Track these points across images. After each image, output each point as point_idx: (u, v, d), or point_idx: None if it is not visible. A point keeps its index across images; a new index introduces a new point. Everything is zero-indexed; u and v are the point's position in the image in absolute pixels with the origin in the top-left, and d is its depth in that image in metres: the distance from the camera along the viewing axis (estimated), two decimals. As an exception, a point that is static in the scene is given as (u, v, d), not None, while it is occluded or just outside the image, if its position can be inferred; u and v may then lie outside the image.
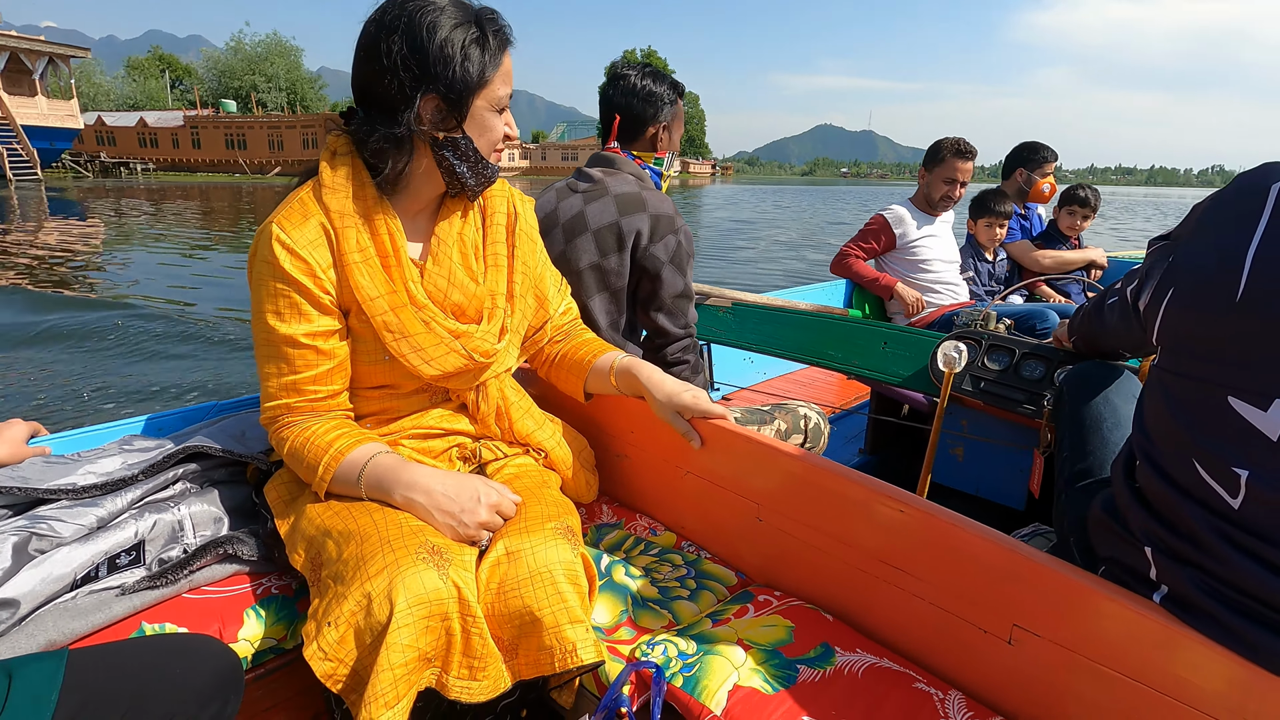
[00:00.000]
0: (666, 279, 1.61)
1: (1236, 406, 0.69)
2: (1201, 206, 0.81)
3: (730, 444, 1.15)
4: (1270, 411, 0.66)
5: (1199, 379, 0.73)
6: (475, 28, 0.98)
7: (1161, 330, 0.80)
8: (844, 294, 3.36)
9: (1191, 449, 0.74)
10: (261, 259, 1.00)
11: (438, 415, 1.17)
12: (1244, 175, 0.77)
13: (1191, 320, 0.75)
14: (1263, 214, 0.69)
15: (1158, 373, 0.81)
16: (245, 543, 1.08)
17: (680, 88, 1.71)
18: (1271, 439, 0.66)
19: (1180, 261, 0.79)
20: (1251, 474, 0.68)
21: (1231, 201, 0.75)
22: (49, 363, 4.06)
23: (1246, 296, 0.68)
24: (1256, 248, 0.68)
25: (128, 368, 4.06)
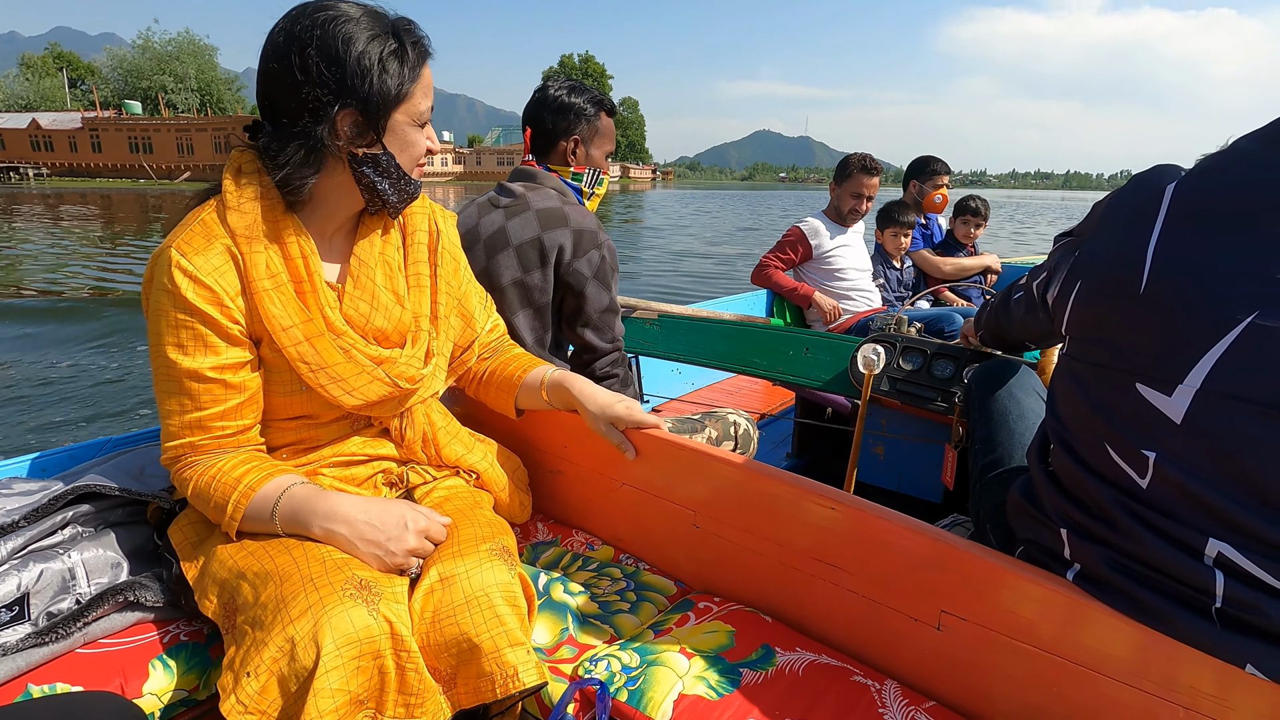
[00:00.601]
0: (591, 294, 1.60)
1: (1143, 392, 0.74)
2: (1103, 204, 0.88)
3: (664, 453, 1.16)
4: (1174, 396, 0.72)
5: (1107, 367, 0.79)
6: (393, 39, 0.94)
7: (1070, 321, 0.86)
8: (765, 303, 3.46)
9: (1103, 432, 0.79)
10: (160, 287, 0.92)
11: (360, 442, 1.12)
12: (1140, 175, 0.84)
13: (1099, 312, 0.81)
14: (1159, 213, 0.76)
15: (1068, 361, 0.87)
16: (148, 588, 0.99)
17: (605, 102, 1.71)
18: (1176, 422, 0.72)
19: (1085, 256, 0.85)
20: (1159, 455, 0.73)
21: (1130, 200, 0.82)
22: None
23: (1149, 289, 0.74)
24: (1155, 244, 0.75)
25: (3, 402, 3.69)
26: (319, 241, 1.02)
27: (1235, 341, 0.68)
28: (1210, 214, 0.72)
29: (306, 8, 0.92)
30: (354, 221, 1.08)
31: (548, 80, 1.71)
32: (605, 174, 1.79)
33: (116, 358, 4.47)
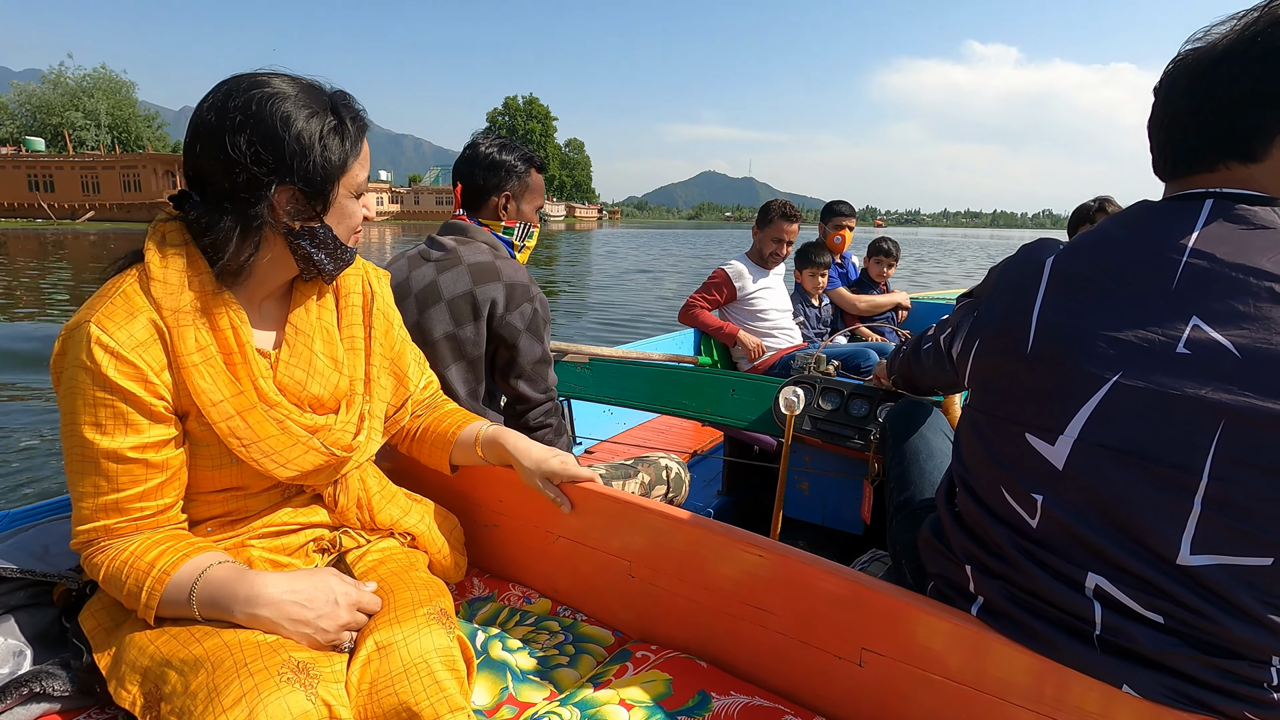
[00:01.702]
0: (524, 346, 1.63)
1: (1032, 441, 0.84)
2: (997, 270, 0.98)
3: (598, 505, 1.19)
4: (1056, 445, 0.81)
5: (1001, 417, 0.89)
6: (332, 115, 0.95)
7: (971, 375, 0.96)
8: (693, 341, 3.56)
9: (999, 477, 0.88)
10: (77, 364, 0.87)
11: (291, 511, 1.09)
12: (1026, 247, 0.95)
13: (993, 367, 0.91)
14: (1040, 283, 0.87)
15: (969, 412, 0.96)
16: (56, 676, 0.94)
17: (535, 159, 1.76)
18: (1058, 468, 0.81)
19: (983, 317, 0.95)
20: (1045, 498, 0.83)
21: (1017, 270, 0.92)
22: None
23: (1034, 349, 0.84)
24: (1039, 310, 0.85)
25: None
26: (249, 309, 1.00)
27: (1104, 397, 0.78)
28: (1080, 285, 0.83)
29: (239, 84, 0.91)
30: (286, 287, 1.06)
31: (478, 138, 1.75)
32: (535, 228, 1.83)
33: (18, 421, 4.12)
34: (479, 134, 1.77)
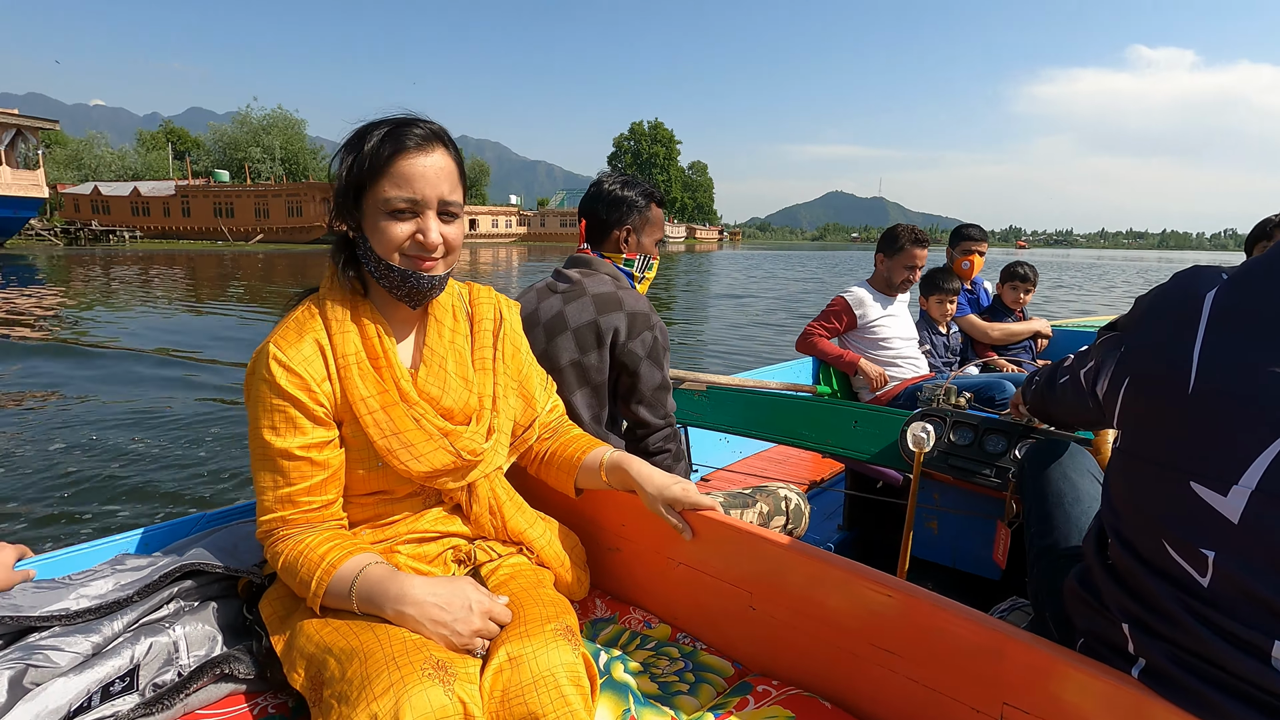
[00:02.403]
0: (644, 373, 1.68)
1: (1199, 491, 0.76)
2: (1145, 301, 0.91)
3: (719, 534, 1.20)
4: (1230, 496, 0.73)
5: (1160, 463, 0.81)
6: (382, 130, 1.07)
7: (1122, 416, 0.89)
8: (811, 370, 3.49)
9: (1160, 530, 0.80)
10: (259, 377, 1.05)
11: (432, 518, 1.20)
12: (1179, 276, 0.87)
13: (1149, 409, 0.83)
14: (1200, 319, 0.79)
15: (1122, 455, 0.89)
16: (241, 661, 1.07)
17: (655, 194, 1.83)
18: (1233, 521, 0.73)
19: (1132, 353, 0.88)
20: (1218, 555, 0.74)
21: (1171, 303, 0.85)
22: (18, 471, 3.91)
23: (1197, 391, 0.76)
24: (1200, 348, 0.78)
25: (103, 472, 3.94)
26: (395, 326, 1.16)
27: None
28: (1249, 320, 0.76)
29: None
30: (423, 313, 1.20)
31: (602, 175, 1.84)
32: (654, 259, 1.90)
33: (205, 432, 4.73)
34: (603, 172, 1.87)
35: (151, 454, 4.31)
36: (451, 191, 1.09)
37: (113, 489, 3.68)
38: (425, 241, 1.07)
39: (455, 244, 1.12)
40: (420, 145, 1.06)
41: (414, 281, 1.10)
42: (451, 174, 1.09)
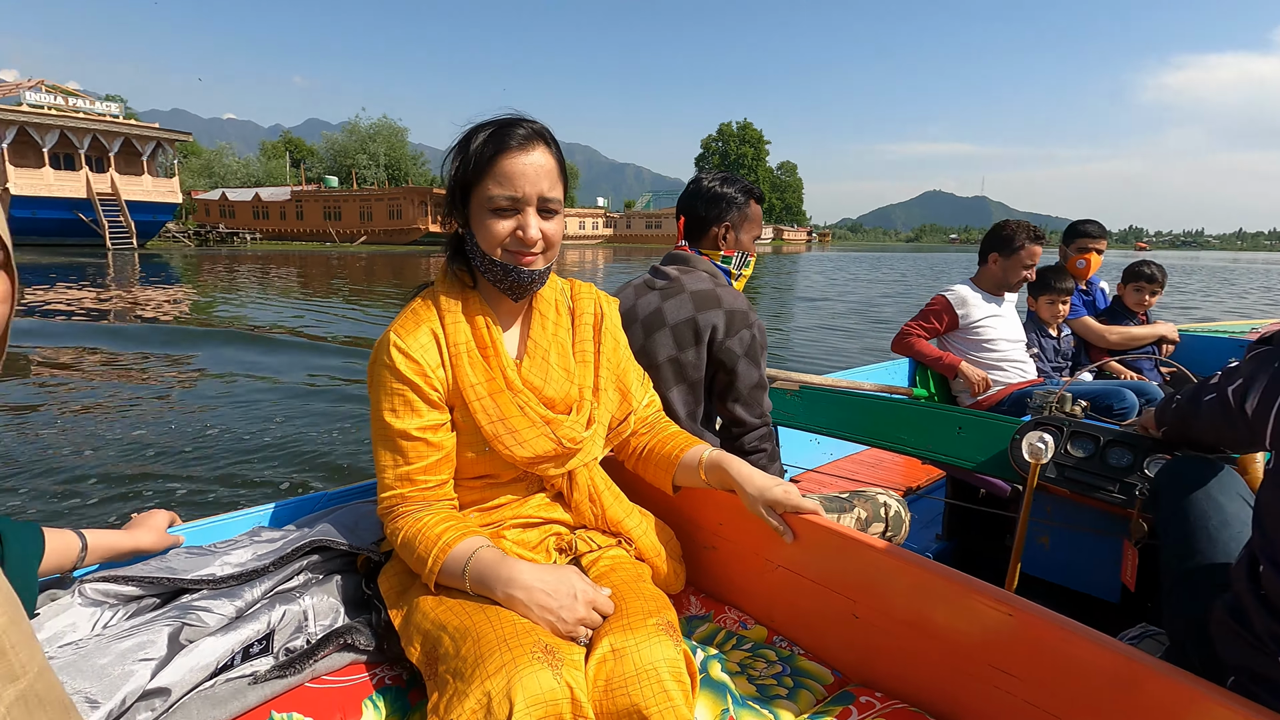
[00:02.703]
0: (742, 371, 1.67)
1: None
2: None
3: (821, 538, 1.17)
4: None
5: None
6: (485, 133, 1.11)
7: (1274, 435, 0.81)
8: (907, 372, 3.36)
9: None
10: (381, 363, 1.13)
11: (535, 504, 1.24)
12: None
13: None
14: None
15: (1276, 477, 0.81)
16: (361, 633, 1.14)
17: (754, 191, 1.82)
18: None
19: None
20: None
21: None
22: (156, 443, 4.34)
23: None
24: None
25: (239, 446, 4.31)
26: (503, 318, 1.22)
27: None
28: None
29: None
30: (527, 305, 1.25)
31: (701, 173, 1.84)
32: (752, 256, 1.87)
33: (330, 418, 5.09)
34: (702, 170, 1.87)
35: (281, 432, 4.68)
36: (551, 189, 1.12)
37: (248, 464, 4.02)
38: (525, 237, 1.11)
39: (555, 239, 1.16)
40: (522, 144, 1.10)
41: (515, 275, 1.14)
42: (551, 172, 1.13)
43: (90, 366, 6.75)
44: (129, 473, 3.80)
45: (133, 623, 1.03)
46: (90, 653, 0.94)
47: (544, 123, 1.15)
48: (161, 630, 0.98)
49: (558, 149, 1.16)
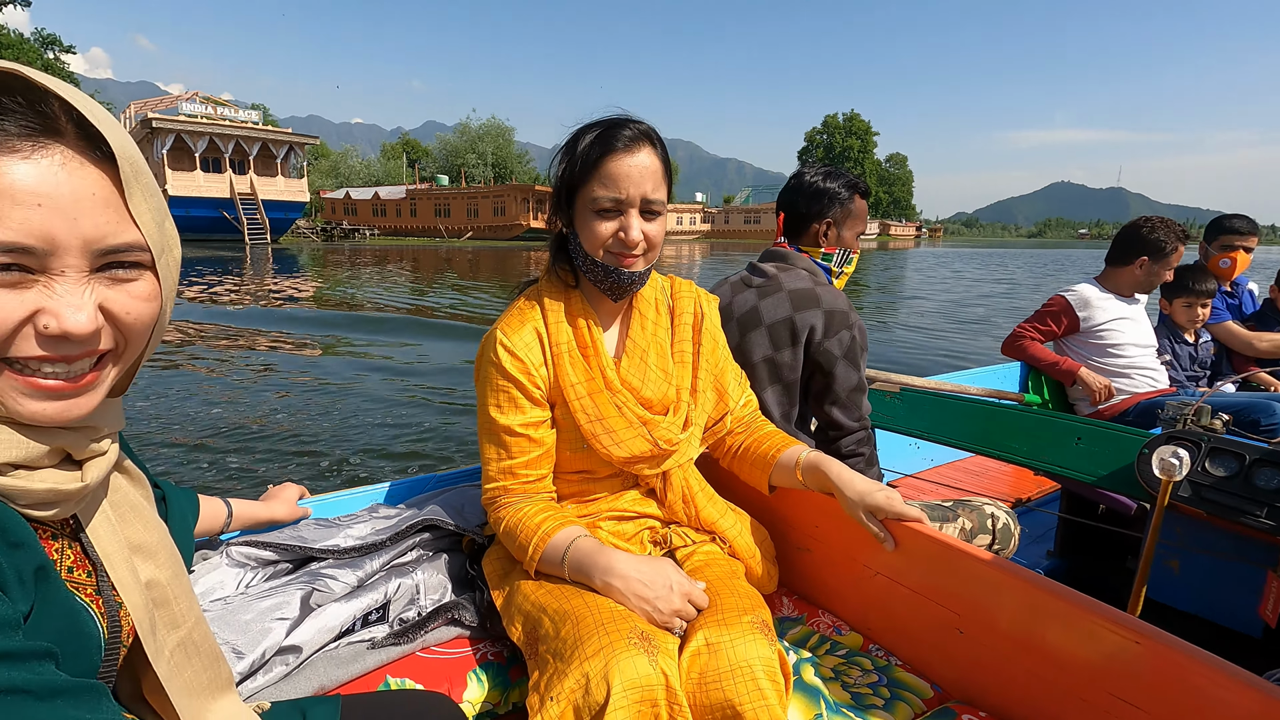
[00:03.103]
0: (840, 373, 1.63)
1: None
2: None
3: (924, 548, 1.13)
4: None
5: None
6: (591, 134, 1.12)
7: None
8: (1018, 377, 3.17)
9: None
10: (487, 359, 1.18)
11: (630, 498, 1.26)
12: None
13: None
14: None
15: None
16: (467, 609, 1.20)
17: (860, 186, 1.76)
18: None
19: None
20: None
21: None
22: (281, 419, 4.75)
23: None
24: None
25: (360, 425, 4.67)
26: (604, 317, 1.24)
27: None
28: None
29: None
30: (627, 305, 1.26)
31: (803, 167, 1.80)
32: (855, 254, 1.82)
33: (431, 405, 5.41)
34: (805, 164, 1.83)
35: (397, 412, 5.01)
36: (654, 190, 1.12)
37: (369, 442, 4.33)
38: (627, 238, 1.11)
39: (656, 241, 1.16)
40: (627, 146, 1.10)
41: (615, 277, 1.15)
42: (655, 173, 1.12)
43: (232, 349, 7.44)
44: (262, 448, 4.16)
45: (270, 584, 1.14)
46: (236, 609, 1.05)
47: (644, 120, 1.16)
48: (295, 593, 1.08)
49: (663, 150, 1.16)
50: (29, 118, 0.50)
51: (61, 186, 0.50)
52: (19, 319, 0.51)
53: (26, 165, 0.49)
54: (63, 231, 0.51)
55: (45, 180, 0.50)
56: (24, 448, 0.54)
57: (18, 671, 0.49)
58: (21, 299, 0.50)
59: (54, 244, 0.51)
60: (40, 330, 0.51)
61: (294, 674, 1.03)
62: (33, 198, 0.49)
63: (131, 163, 0.54)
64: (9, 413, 0.54)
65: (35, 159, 0.50)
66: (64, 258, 0.51)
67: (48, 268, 0.51)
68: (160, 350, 7.01)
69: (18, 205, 0.49)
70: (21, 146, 0.50)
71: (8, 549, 0.52)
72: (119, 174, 0.54)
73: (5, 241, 0.49)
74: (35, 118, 0.51)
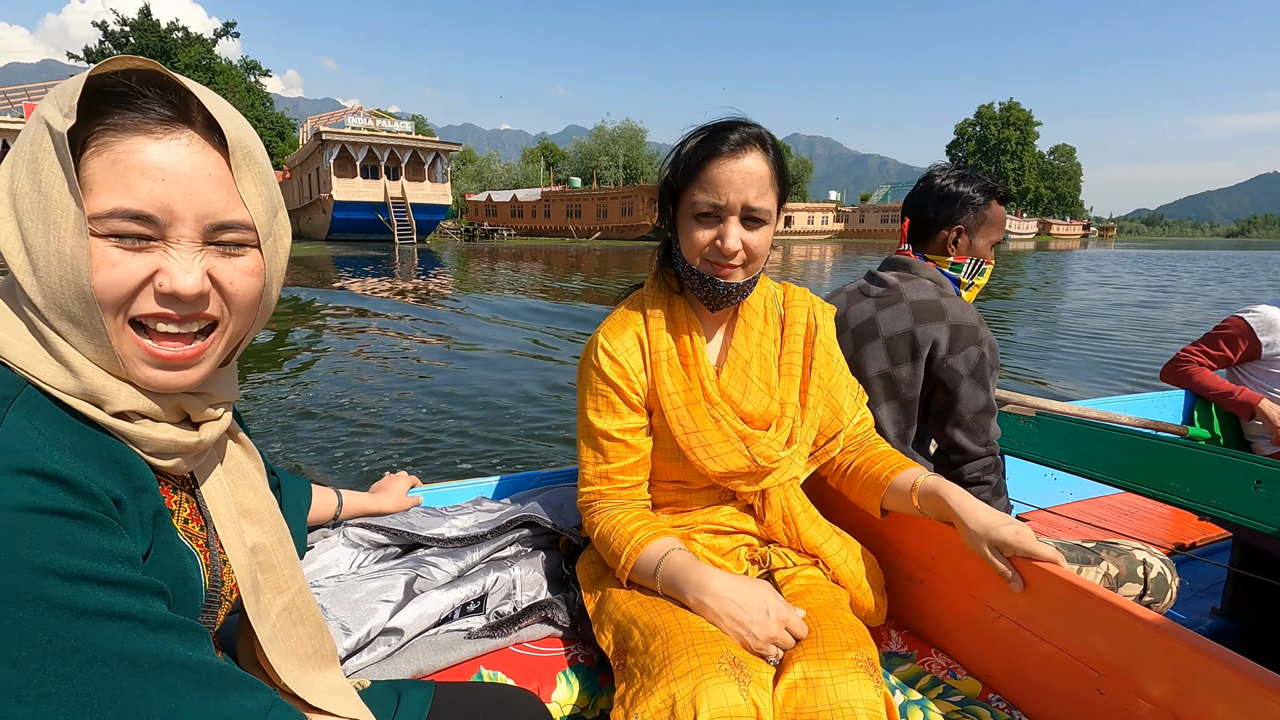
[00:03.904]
0: (965, 393, 1.50)
1: None
2: None
3: (1058, 593, 1.01)
4: None
5: None
6: (700, 136, 1.08)
7: None
8: (1181, 407, 2.80)
9: None
10: (589, 363, 1.17)
11: (727, 513, 1.22)
12: None
13: None
14: None
15: None
16: (560, 610, 1.21)
17: (998, 190, 1.62)
18: None
19: None
20: None
21: None
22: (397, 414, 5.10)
23: None
24: None
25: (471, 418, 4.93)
26: (707, 325, 1.20)
27: None
28: None
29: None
30: (732, 313, 1.22)
31: (935, 169, 1.68)
32: (988, 264, 1.68)
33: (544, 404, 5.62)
34: (936, 166, 1.70)
35: (510, 407, 5.23)
36: (759, 197, 1.06)
37: (479, 434, 4.55)
38: (723, 247, 1.06)
39: (758, 252, 1.09)
40: (733, 150, 1.05)
41: (710, 286, 1.11)
42: (762, 179, 1.06)
43: (366, 340, 8.10)
44: (382, 439, 4.46)
45: (379, 567, 1.20)
46: (347, 587, 1.11)
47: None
48: (400, 578, 1.13)
49: (776, 155, 1.10)
50: (164, 106, 0.58)
51: (183, 165, 0.57)
52: (141, 278, 0.57)
53: (158, 145, 0.57)
54: (180, 204, 0.57)
55: (170, 159, 0.57)
56: (144, 400, 0.61)
57: (134, 600, 0.53)
58: (144, 261, 0.57)
59: (172, 214, 0.57)
60: (156, 288, 0.58)
61: (394, 655, 1.08)
62: (158, 173, 0.56)
63: (245, 152, 0.60)
64: (130, 377, 0.60)
65: (165, 140, 0.57)
66: (179, 228, 0.58)
67: (166, 236, 0.58)
68: (299, 337, 7.75)
69: (145, 178, 0.56)
70: (156, 129, 0.57)
71: (133, 491, 0.58)
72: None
73: (132, 209, 0.55)
74: (169, 107, 0.58)
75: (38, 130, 0.54)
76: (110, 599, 0.51)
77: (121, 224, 0.55)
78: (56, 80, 4.04)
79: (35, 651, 0.48)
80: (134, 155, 0.56)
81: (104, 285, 0.56)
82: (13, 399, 0.54)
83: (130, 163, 0.55)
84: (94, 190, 0.55)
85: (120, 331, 0.58)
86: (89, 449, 0.56)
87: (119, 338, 0.58)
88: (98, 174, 0.55)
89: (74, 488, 0.51)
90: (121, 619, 0.52)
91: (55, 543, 0.49)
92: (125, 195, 0.55)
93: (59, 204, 0.53)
